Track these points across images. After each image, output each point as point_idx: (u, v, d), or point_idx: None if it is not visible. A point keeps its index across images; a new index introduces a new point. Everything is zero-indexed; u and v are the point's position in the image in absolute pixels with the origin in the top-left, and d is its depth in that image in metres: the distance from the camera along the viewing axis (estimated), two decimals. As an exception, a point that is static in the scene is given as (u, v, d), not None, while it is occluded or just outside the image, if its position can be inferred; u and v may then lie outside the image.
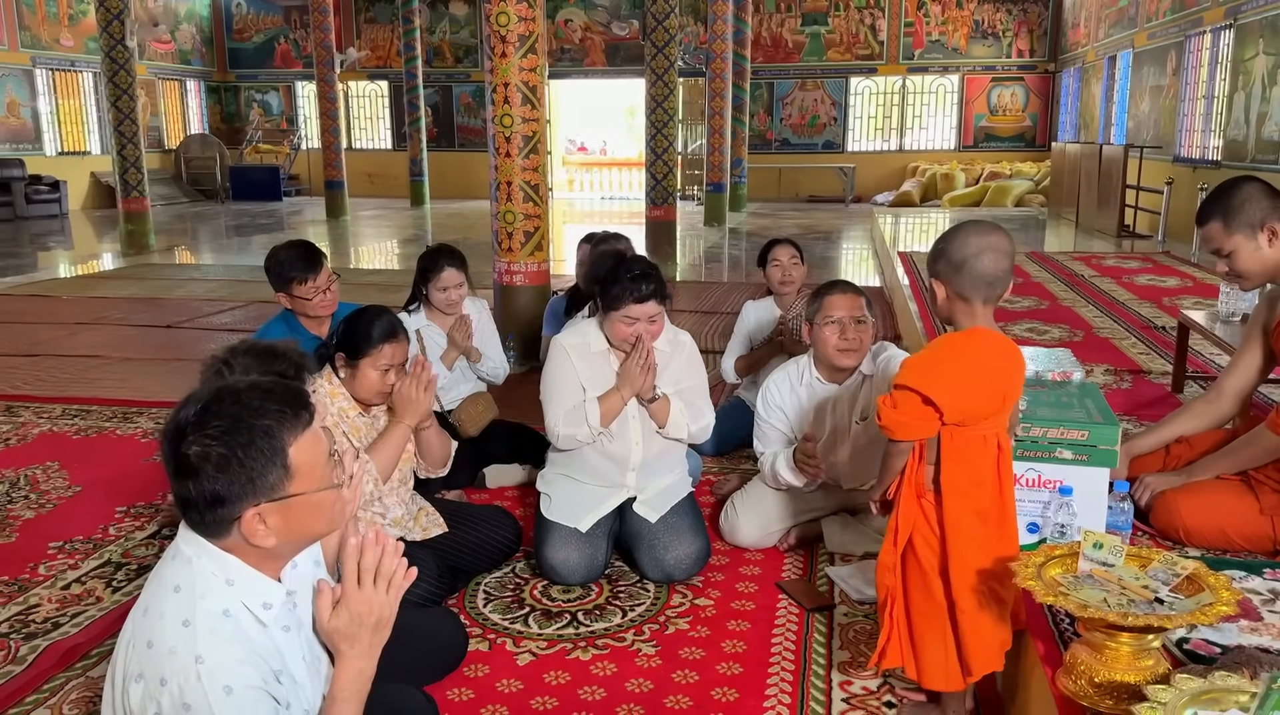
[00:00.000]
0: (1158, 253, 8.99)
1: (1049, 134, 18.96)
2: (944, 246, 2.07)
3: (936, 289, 2.10)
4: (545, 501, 3.05)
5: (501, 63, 5.42)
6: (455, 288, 3.82)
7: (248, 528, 1.41)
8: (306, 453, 1.44)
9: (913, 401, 1.96)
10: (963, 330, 2.07)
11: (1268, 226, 2.51)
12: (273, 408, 1.42)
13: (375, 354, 2.67)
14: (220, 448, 1.37)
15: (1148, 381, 4.21)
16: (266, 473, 1.40)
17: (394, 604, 1.53)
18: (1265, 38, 9.79)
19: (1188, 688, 1.56)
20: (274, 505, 1.42)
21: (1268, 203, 2.53)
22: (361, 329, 2.70)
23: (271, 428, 1.41)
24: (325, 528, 1.52)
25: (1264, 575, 2.36)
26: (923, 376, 1.98)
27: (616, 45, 20.29)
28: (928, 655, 2.08)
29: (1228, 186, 2.60)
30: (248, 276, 9.54)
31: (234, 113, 22.14)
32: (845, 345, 3.00)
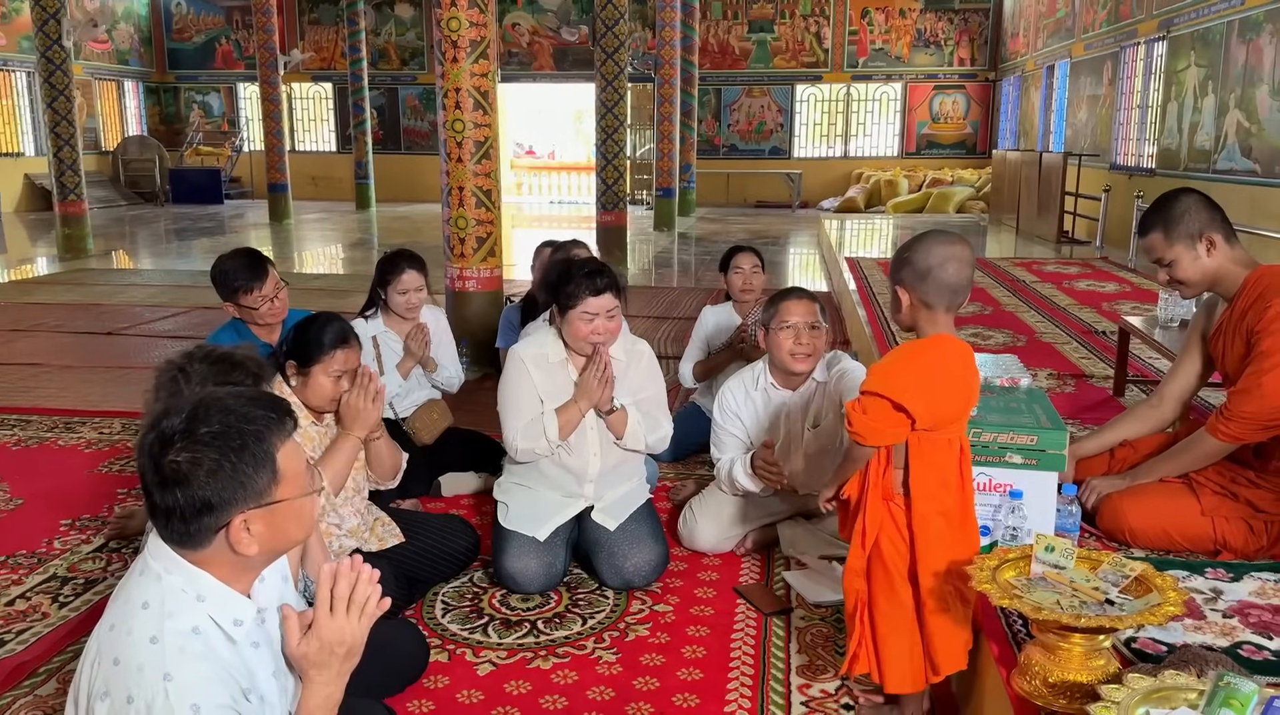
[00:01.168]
0: (1096, 258, 9.22)
1: (989, 141, 19.34)
2: (909, 255, 2.10)
3: (901, 296, 2.13)
4: (503, 510, 3.04)
5: (453, 68, 5.39)
6: (415, 291, 3.79)
7: (234, 535, 1.40)
8: (291, 458, 1.46)
9: (883, 408, 1.99)
10: (926, 337, 2.12)
11: (1206, 237, 2.61)
12: (260, 414, 1.43)
13: (327, 360, 2.65)
14: (213, 454, 1.37)
15: (1090, 385, 4.32)
16: (258, 477, 1.40)
17: (365, 632, 1.52)
18: (1196, 49, 10.10)
19: (1139, 687, 1.62)
20: (261, 511, 1.42)
21: (1206, 214, 2.62)
22: (313, 336, 2.67)
23: (262, 433, 1.41)
24: (301, 535, 1.53)
25: (1206, 575, 2.44)
26: (893, 383, 2.01)
27: (565, 49, 20.27)
28: (892, 659, 2.12)
29: (1168, 198, 2.69)
30: (190, 281, 9.36)
31: (173, 114, 21.69)
32: (800, 350, 3.04)
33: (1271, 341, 2.50)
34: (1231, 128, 9.29)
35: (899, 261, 2.13)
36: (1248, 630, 2.16)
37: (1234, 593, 2.34)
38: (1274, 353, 2.49)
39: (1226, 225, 2.64)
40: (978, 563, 1.97)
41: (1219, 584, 2.39)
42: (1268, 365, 2.49)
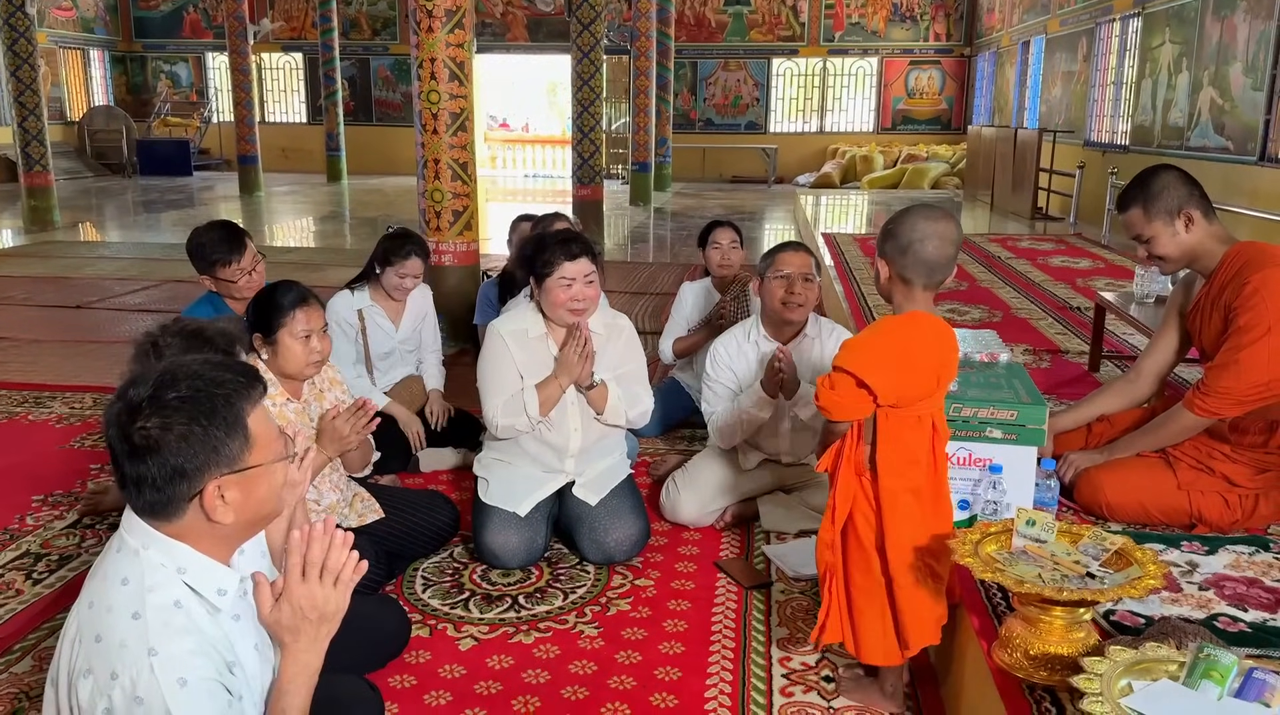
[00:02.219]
0: (1070, 235, 9.28)
1: (965, 117, 19.37)
2: (893, 228, 2.10)
3: (880, 268, 2.14)
4: (483, 486, 3.03)
5: (428, 38, 5.32)
6: (414, 277, 3.79)
7: (209, 502, 1.38)
8: (262, 423, 1.44)
9: (848, 383, 2.00)
10: (901, 314, 2.12)
11: (1185, 213, 2.62)
12: (229, 378, 1.40)
13: (289, 322, 2.61)
14: (182, 419, 1.35)
15: (1066, 361, 4.35)
16: (230, 441, 1.38)
17: (341, 598, 1.49)
18: (1171, 27, 10.14)
19: (1121, 659, 1.63)
20: (234, 477, 1.39)
21: (1185, 190, 2.63)
22: (271, 302, 2.65)
23: (231, 397, 1.39)
24: (276, 506, 1.50)
25: (1182, 548, 2.47)
26: (858, 360, 2.02)
27: (539, 20, 20.06)
28: (866, 630, 2.13)
29: (1147, 175, 2.70)
30: (160, 254, 9.23)
31: (140, 84, 21.29)
32: (793, 300, 3.08)
33: (1249, 317, 2.51)
34: (1205, 105, 9.35)
35: (884, 233, 2.14)
36: (1223, 602, 2.20)
37: (1210, 566, 2.37)
38: (1251, 328, 2.50)
39: (1205, 201, 2.66)
40: (959, 537, 1.98)
41: (1195, 557, 2.42)
42: (1245, 341, 2.51)
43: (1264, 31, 8.27)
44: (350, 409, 2.58)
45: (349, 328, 3.74)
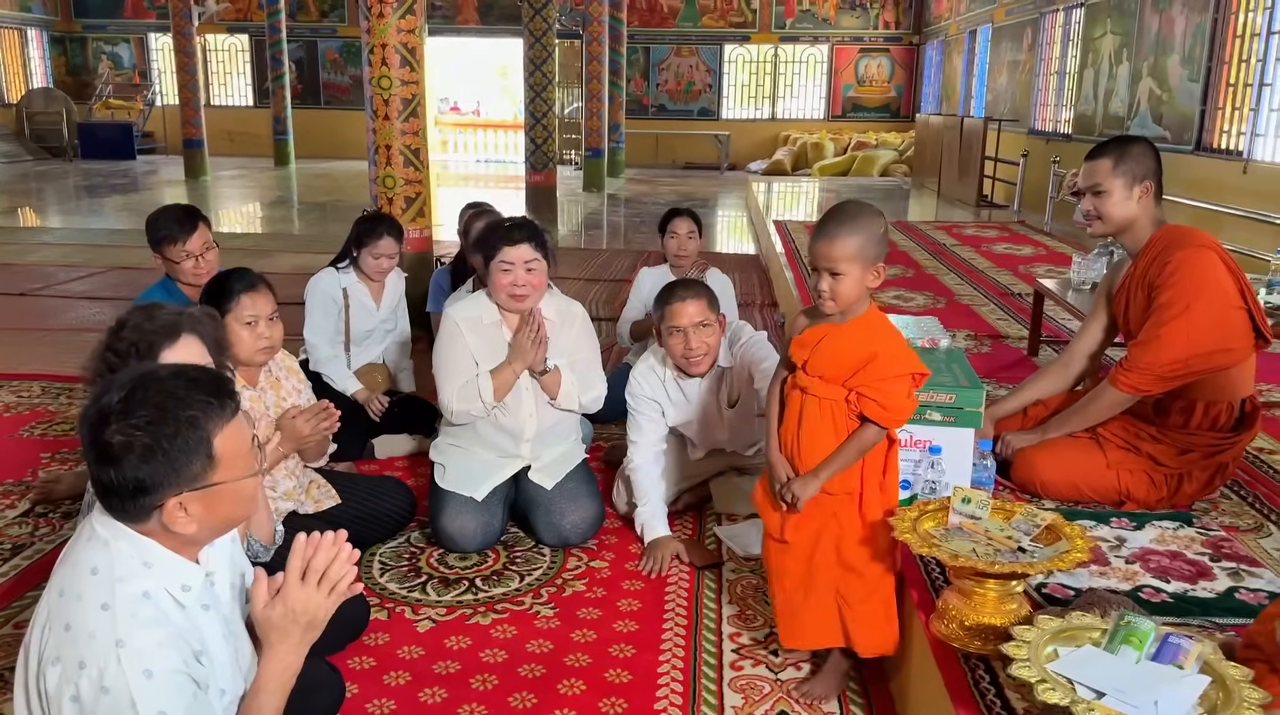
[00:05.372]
0: (1014, 222, 9.49)
1: (913, 105, 19.62)
2: (876, 229, 2.10)
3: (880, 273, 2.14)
4: (439, 471, 3.07)
5: (379, 23, 5.29)
6: (388, 257, 3.91)
7: (169, 516, 1.41)
8: (230, 442, 1.44)
9: (907, 385, 2.11)
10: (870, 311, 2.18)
11: (1146, 183, 2.73)
12: (198, 398, 1.42)
13: (236, 307, 2.63)
14: (145, 437, 1.37)
15: (1006, 345, 4.48)
16: (191, 462, 1.40)
17: (332, 607, 1.53)
18: (1112, 18, 10.38)
19: (1048, 627, 1.73)
20: (196, 494, 1.42)
21: (1153, 164, 2.75)
22: (218, 286, 2.67)
23: (197, 418, 1.40)
24: (244, 514, 1.53)
25: (1111, 524, 2.59)
26: (909, 355, 2.12)
27: (490, 3, 19.92)
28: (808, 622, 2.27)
29: (1125, 137, 2.84)
30: (105, 240, 9.08)
31: (81, 65, 20.79)
32: (691, 353, 2.98)
33: (1170, 294, 2.63)
34: (1144, 95, 9.60)
35: (867, 236, 2.08)
36: (1148, 575, 2.32)
37: (1136, 540, 2.50)
38: (1172, 305, 2.62)
39: (1160, 185, 2.77)
40: (899, 514, 2.07)
41: (1123, 532, 2.54)
42: (1166, 317, 2.63)
43: (1200, 24, 8.51)
44: (312, 410, 2.60)
45: (333, 304, 3.86)
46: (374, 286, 3.98)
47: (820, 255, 2.10)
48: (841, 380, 2.12)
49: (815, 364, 2.16)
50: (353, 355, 3.91)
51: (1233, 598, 2.21)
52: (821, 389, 2.15)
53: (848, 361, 2.11)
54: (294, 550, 1.51)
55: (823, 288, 2.10)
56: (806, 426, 2.18)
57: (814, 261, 2.12)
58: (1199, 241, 2.73)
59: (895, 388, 2.09)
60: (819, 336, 2.16)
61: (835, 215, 2.12)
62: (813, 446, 2.16)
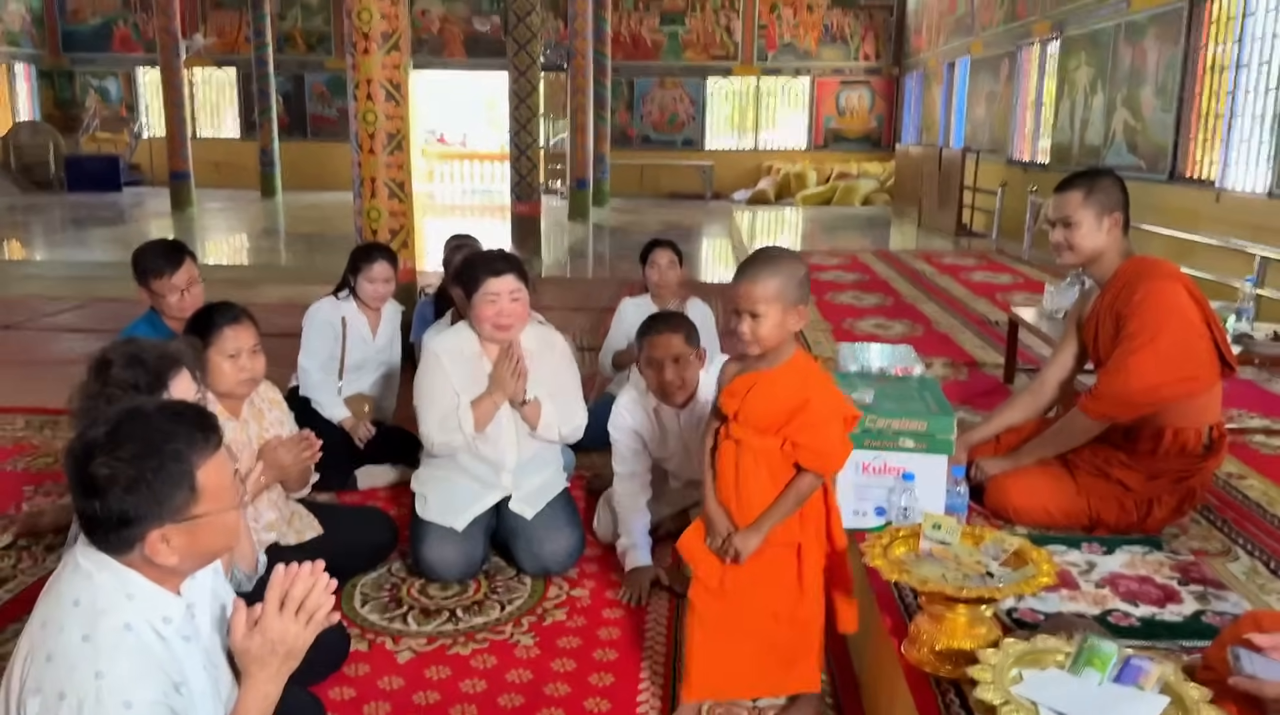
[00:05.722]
0: (992, 251, 9.61)
1: (894, 136, 19.85)
2: (798, 272, 2.12)
3: (803, 316, 2.14)
4: (421, 502, 3.09)
5: (364, 59, 5.37)
6: (384, 282, 3.98)
7: (151, 548, 1.44)
8: (214, 475, 1.48)
9: (840, 429, 2.12)
10: (794, 354, 2.16)
11: (1114, 215, 2.80)
12: (183, 431, 1.45)
13: (218, 340, 2.65)
14: (130, 470, 1.40)
15: (982, 373, 4.55)
16: (174, 495, 1.43)
17: (309, 637, 1.55)
18: (1087, 50, 10.57)
19: (1013, 650, 1.77)
20: (179, 526, 1.45)
21: (1121, 196, 2.83)
22: (202, 319, 2.70)
23: (181, 451, 1.44)
24: (226, 546, 1.57)
25: (1081, 549, 2.64)
26: (842, 400, 2.15)
27: (476, 37, 20.12)
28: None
29: (1094, 170, 2.93)
30: (90, 273, 9.08)
31: (69, 99, 20.84)
32: (668, 386, 3.01)
33: (1137, 323, 2.70)
34: (1119, 126, 9.76)
35: (802, 277, 2.12)
36: (1117, 599, 2.36)
37: (1106, 565, 2.54)
38: (1139, 334, 2.69)
39: (1128, 217, 2.85)
40: (871, 541, 2.12)
41: (1093, 557, 2.59)
42: (1134, 346, 2.69)
43: (1172, 57, 8.68)
44: (294, 440, 2.63)
45: (330, 331, 3.91)
46: (372, 317, 4.03)
47: (740, 296, 2.09)
48: (775, 429, 2.11)
49: (747, 414, 2.14)
50: (345, 383, 3.94)
51: (1199, 621, 2.25)
52: (755, 440, 2.13)
53: (779, 409, 2.10)
54: (272, 581, 1.54)
55: (742, 329, 2.09)
56: (744, 479, 2.16)
57: (734, 303, 2.11)
58: (1165, 272, 2.80)
59: (828, 433, 2.10)
60: (748, 385, 2.15)
61: (756, 258, 2.14)
62: (751, 498, 2.15)
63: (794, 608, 2.18)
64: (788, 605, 2.18)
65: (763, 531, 2.14)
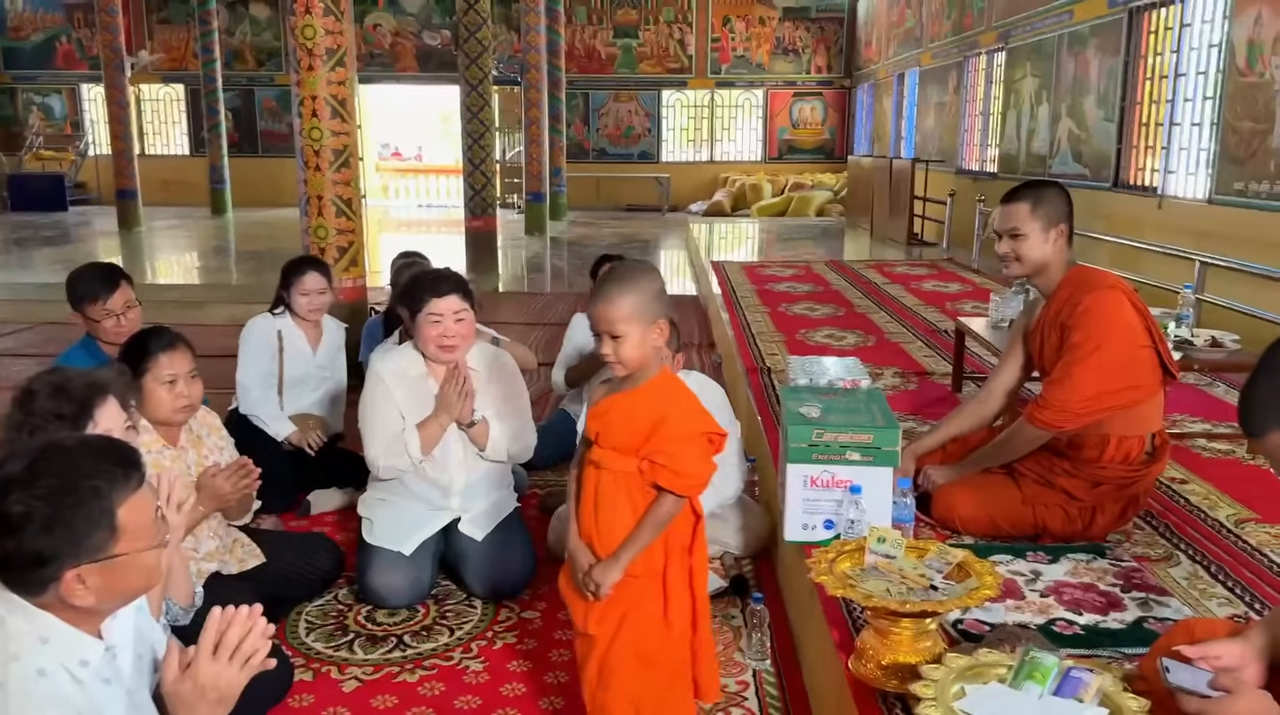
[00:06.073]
0: (943, 259, 9.72)
1: (846, 147, 20.06)
2: (656, 285, 2.08)
3: (664, 331, 2.08)
4: (367, 526, 3.05)
5: (309, 75, 5.32)
6: (317, 293, 3.93)
7: (67, 588, 1.40)
8: (135, 513, 1.44)
9: (701, 447, 2.04)
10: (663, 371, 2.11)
11: (1060, 226, 2.83)
12: (104, 468, 1.41)
13: (154, 366, 2.60)
14: (46, 508, 1.36)
15: (932, 382, 4.58)
16: (93, 534, 1.39)
17: (242, 682, 1.51)
18: (1032, 60, 10.75)
19: (955, 665, 1.77)
20: (97, 565, 1.41)
21: (1066, 208, 2.87)
22: (136, 346, 2.65)
23: (101, 488, 1.40)
24: (146, 585, 1.52)
25: (1027, 558, 2.66)
26: (706, 417, 2.06)
27: (429, 51, 20.05)
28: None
29: (1039, 182, 2.95)
30: (34, 295, 8.89)
31: (10, 117, 20.43)
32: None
33: (1081, 334, 2.73)
34: (1064, 135, 9.93)
35: (657, 291, 2.07)
36: (1062, 607, 2.38)
37: (1051, 573, 2.56)
38: (1083, 345, 2.72)
39: (1071, 227, 2.88)
40: (816, 556, 2.11)
41: (1039, 566, 2.61)
42: (1078, 356, 2.72)
43: (1112, 67, 8.85)
44: (232, 468, 2.58)
45: (267, 346, 3.86)
46: (311, 331, 3.98)
47: (598, 318, 2.04)
48: (634, 449, 2.04)
49: (607, 435, 2.08)
50: (285, 400, 3.88)
51: (1142, 628, 2.28)
52: (614, 462, 2.06)
53: (638, 428, 2.03)
54: (207, 625, 1.49)
55: (605, 352, 2.04)
56: (603, 505, 2.07)
57: (593, 326, 2.07)
58: (1108, 283, 2.83)
59: (687, 451, 2.02)
60: (610, 406, 2.10)
61: (610, 277, 2.08)
62: (611, 527, 2.06)
63: (660, 650, 2.08)
64: (653, 644, 2.07)
65: (622, 563, 2.04)
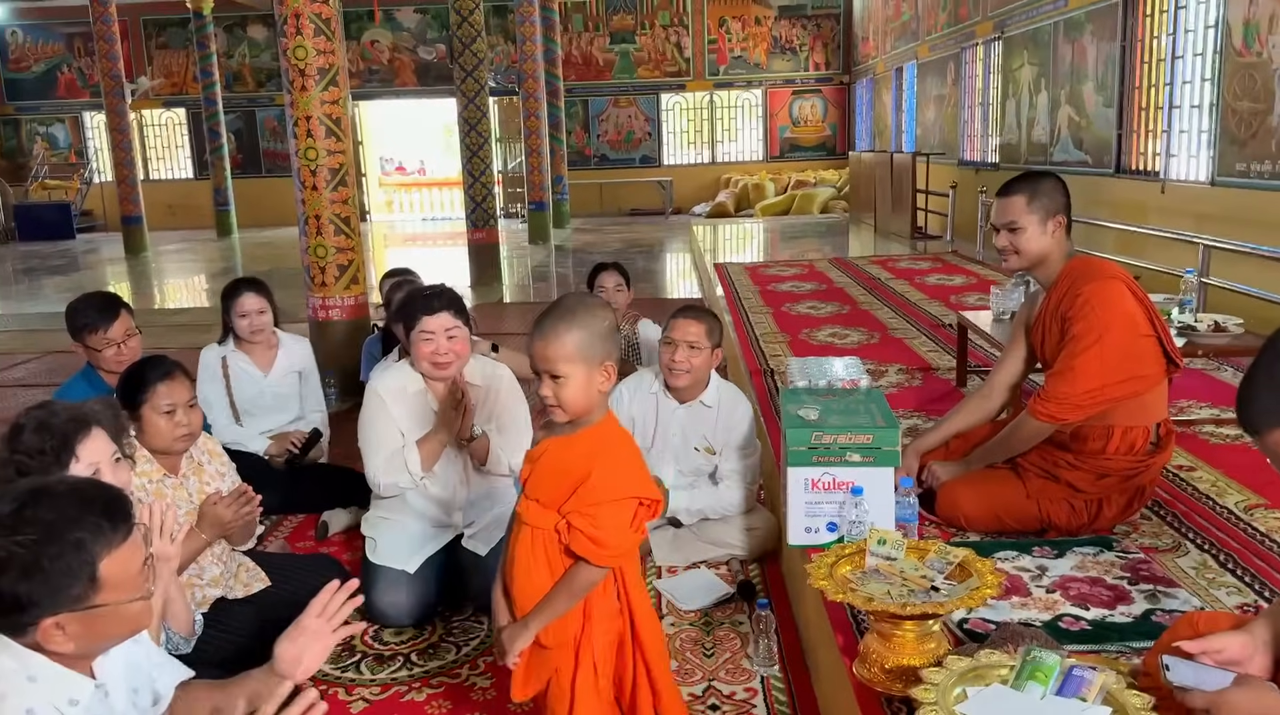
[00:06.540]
0: (947, 252, 9.68)
1: (848, 143, 20.02)
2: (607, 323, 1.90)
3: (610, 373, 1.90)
4: (370, 545, 3.04)
5: (301, 96, 5.35)
6: (257, 313, 3.90)
7: (44, 635, 1.39)
8: (119, 565, 1.43)
9: (627, 513, 1.85)
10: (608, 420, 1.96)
11: (1058, 217, 2.81)
12: (90, 520, 1.40)
13: (152, 396, 2.60)
14: (27, 555, 1.35)
15: (936, 377, 4.56)
16: (71, 586, 1.38)
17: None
18: (1029, 49, 10.71)
19: (956, 668, 1.76)
20: (76, 615, 1.40)
21: (1063, 199, 2.84)
22: (134, 376, 2.66)
23: (84, 541, 1.39)
24: (131, 632, 1.51)
25: (1033, 553, 2.63)
26: (638, 479, 1.88)
27: (427, 65, 20.12)
28: None
29: (1035, 173, 2.92)
30: (41, 325, 8.94)
31: (15, 147, 20.58)
32: (675, 366, 3.14)
33: (1082, 326, 2.71)
34: (1064, 122, 9.88)
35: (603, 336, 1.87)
36: (1068, 603, 2.35)
37: (1058, 568, 2.54)
38: (1084, 336, 2.69)
39: (1070, 217, 2.86)
40: (815, 560, 2.10)
41: (1045, 561, 2.58)
42: (1079, 348, 2.70)
43: (1110, 51, 8.81)
44: (233, 496, 2.58)
45: (212, 375, 3.89)
46: (260, 352, 3.97)
47: (538, 357, 1.84)
48: (557, 505, 1.86)
49: (534, 485, 1.90)
50: (246, 423, 3.90)
51: (1149, 621, 2.25)
52: (536, 516, 1.88)
53: (564, 482, 1.84)
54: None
55: (544, 394, 1.85)
56: (519, 562, 1.89)
57: (532, 365, 1.88)
58: (1108, 273, 2.81)
59: (610, 516, 1.82)
60: (543, 451, 1.93)
61: (552, 311, 1.89)
62: (525, 588, 1.90)
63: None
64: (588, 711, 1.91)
65: (531, 630, 1.87)
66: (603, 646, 1.93)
